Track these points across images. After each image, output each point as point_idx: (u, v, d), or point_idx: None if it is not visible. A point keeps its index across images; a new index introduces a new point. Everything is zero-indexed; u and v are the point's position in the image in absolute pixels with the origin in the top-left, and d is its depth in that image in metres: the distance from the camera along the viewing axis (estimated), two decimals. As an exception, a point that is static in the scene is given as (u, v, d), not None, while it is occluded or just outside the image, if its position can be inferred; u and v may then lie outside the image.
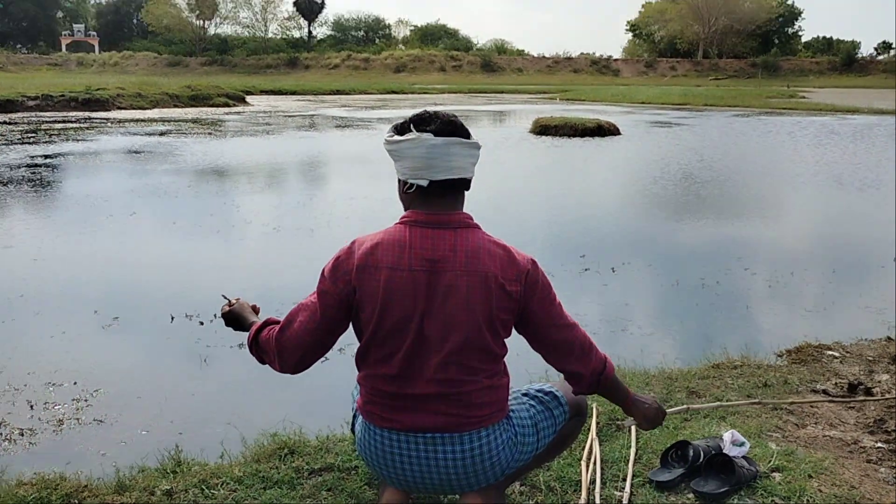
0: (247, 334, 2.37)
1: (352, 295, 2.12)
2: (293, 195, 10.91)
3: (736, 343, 4.64)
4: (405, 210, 2.18)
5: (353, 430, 2.42)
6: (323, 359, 2.29)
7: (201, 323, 5.02)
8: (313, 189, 11.52)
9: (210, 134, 18.93)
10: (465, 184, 2.19)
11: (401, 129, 2.16)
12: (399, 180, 2.18)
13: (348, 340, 2.28)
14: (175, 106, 28.72)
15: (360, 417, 2.30)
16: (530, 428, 2.37)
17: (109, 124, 20.87)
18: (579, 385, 2.36)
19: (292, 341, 2.21)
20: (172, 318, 5.09)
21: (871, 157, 15.30)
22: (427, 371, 2.13)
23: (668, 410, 2.66)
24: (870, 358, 4.57)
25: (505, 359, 2.24)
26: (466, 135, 2.17)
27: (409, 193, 2.16)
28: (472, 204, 2.20)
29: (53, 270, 6.39)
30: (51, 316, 5.16)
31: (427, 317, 2.10)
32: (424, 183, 2.12)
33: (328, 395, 3.93)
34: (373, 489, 2.74)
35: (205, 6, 75.79)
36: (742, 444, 3.04)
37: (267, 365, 2.29)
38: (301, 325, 2.21)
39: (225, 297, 2.52)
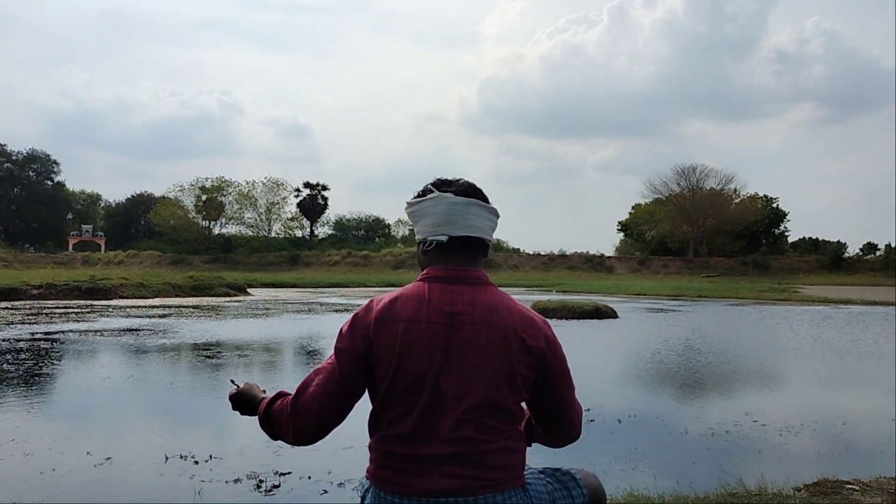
0: (257, 416, 2.30)
1: (369, 349, 2.08)
2: (291, 360, 10.84)
3: (751, 479, 4.47)
4: (423, 271, 2.21)
5: None
6: (322, 490, 2.20)
7: (196, 462, 4.86)
8: (311, 357, 11.46)
9: (209, 316, 19.07)
10: (483, 246, 2.23)
11: (422, 192, 2.24)
12: (418, 242, 2.22)
13: (349, 476, 2.21)
14: (177, 295, 29.05)
15: (371, 490, 2.19)
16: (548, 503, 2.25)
17: (111, 309, 21.06)
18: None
19: (308, 405, 2.14)
20: (167, 458, 4.92)
21: (868, 335, 15.38)
22: (442, 430, 2.05)
23: None
24: (891, 490, 4.40)
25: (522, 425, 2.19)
26: (485, 199, 2.25)
27: (429, 252, 2.19)
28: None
29: (46, 415, 6.28)
30: (41, 456, 4.99)
31: (444, 372, 2.05)
32: (444, 238, 2.16)
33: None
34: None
35: (211, 207, 78.68)
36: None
37: (279, 440, 2.21)
38: (318, 388, 2.15)
39: (233, 382, 2.46)
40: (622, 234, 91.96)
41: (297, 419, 2.14)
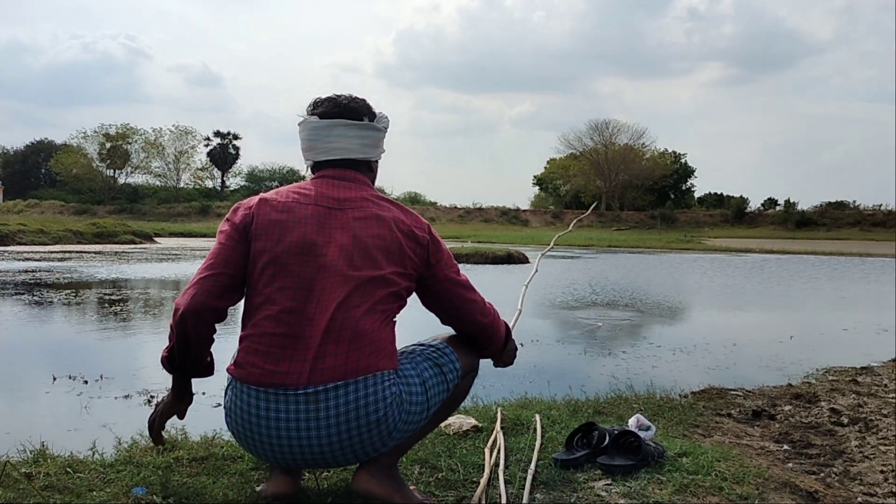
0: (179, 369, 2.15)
1: (249, 226, 2.06)
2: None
3: (641, 387, 4.61)
4: None
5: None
6: (215, 404, 2.09)
7: (85, 382, 4.71)
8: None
9: (113, 261, 18.45)
10: (355, 165, 2.20)
11: None
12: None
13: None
14: (79, 242, 27.97)
15: (233, 388, 2.07)
16: (418, 387, 2.17)
17: (6, 254, 20.14)
18: (486, 348, 2.48)
19: (206, 286, 2.04)
20: (55, 379, 4.75)
21: (762, 276, 16.06)
22: (329, 303, 2.00)
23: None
24: (772, 395, 4.61)
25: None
26: (355, 116, 2.18)
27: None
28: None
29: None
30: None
31: (331, 244, 2.04)
32: (310, 164, 2.21)
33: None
34: (259, 471, 2.52)
35: (116, 156, 75.64)
36: (648, 429, 2.96)
37: (193, 344, 2.07)
38: (210, 274, 2.07)
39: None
40: (537, 188, 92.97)
41: (202, 313, 2.03)
